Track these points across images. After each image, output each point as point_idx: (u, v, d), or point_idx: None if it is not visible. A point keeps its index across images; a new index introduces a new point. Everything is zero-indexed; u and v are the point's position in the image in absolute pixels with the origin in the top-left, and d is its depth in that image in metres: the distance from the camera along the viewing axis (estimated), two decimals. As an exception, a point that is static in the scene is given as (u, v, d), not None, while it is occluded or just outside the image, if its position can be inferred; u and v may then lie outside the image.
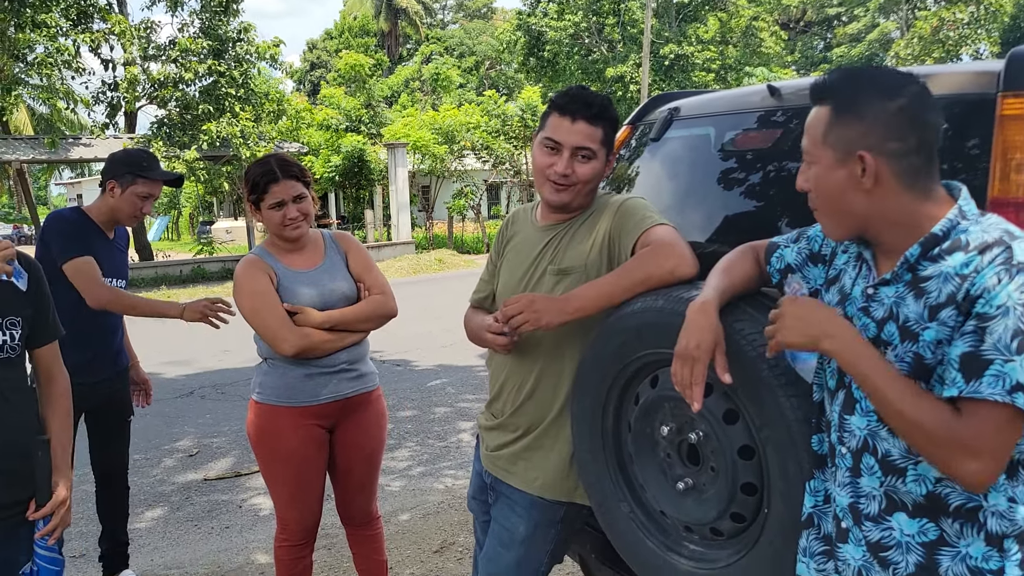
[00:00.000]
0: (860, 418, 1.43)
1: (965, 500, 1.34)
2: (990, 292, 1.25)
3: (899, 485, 1.39)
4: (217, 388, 7.60)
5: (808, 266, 1.63)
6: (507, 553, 2.17)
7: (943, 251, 1.34)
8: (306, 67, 51.74)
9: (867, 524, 1.43)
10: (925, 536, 1.37)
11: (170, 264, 19.14)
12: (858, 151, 1.36)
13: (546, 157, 2.08)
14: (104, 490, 3.56)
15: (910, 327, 1.35)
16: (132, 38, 17.43)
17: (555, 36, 29.66)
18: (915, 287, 1.36)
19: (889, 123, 1.35)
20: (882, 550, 1.41)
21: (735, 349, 1.63)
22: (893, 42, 30.63)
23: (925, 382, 1.33)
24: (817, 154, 1.42)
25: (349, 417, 2.83)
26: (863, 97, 1.38)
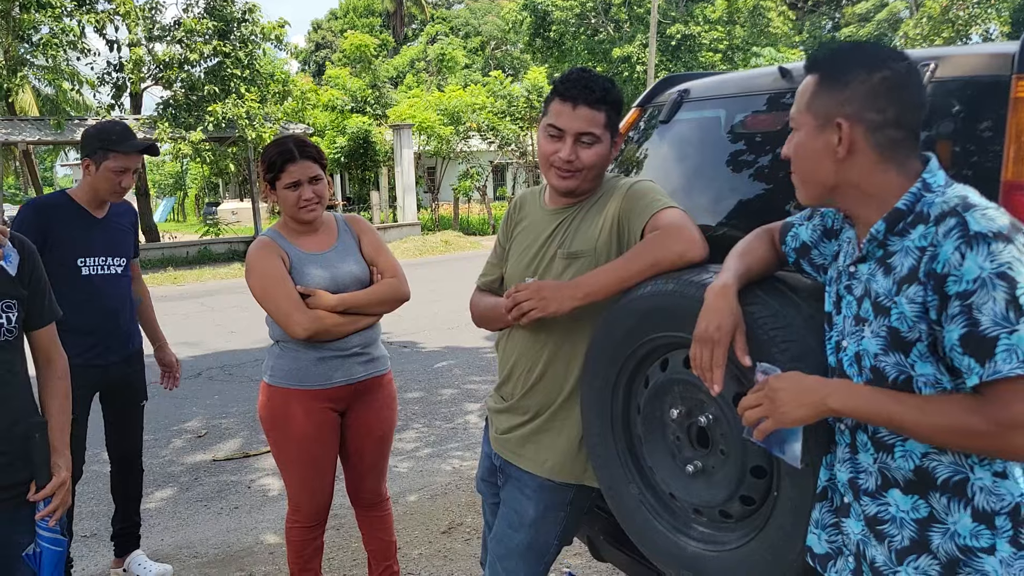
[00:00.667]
0: None
1: (952, 473, 1.35)
2: (959, 268, 1.26)
3: (889, 461, 1.41)
4: (225, 369, 7.63)
5: (823, 242, 1.64)
6: (516, 535, 2.19)
7: (907, 225, 1.37)
8: (311, 48, 51.50)
9: (865, 499, 1.46)
10: (917, 512, 1.39)
11: (176, 245, 19.17)
12: (836, 118, 1.39)
13: (550, 144, 2.07)
14: (119, 472, 3.57)
15: (880, 302, 1.38)
16: (137, 19, 17.34)
17: (561, 16, 29.45)
18: (884, 263, 1.39)
19: (868, 93, 1.38)
20: (878, 523, 1.44)
21: (747, 333, 1.63)
22: (902, 22, 30.36)
23: (904, 354, 1.35)
24: (800, 120, 1.46)
25: (361, 400, 2.85)
26: (847, 67, 1.41)
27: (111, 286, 3.29)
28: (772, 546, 1.70)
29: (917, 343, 1.34)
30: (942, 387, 1.34)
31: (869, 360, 1.41)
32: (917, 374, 1.35)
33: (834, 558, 1.55)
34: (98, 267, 3.25)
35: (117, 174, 3.20)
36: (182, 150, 17.65)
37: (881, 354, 1.39)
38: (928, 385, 1.35)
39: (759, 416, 1.46)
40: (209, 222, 23.79)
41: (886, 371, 1.39)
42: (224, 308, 11.17)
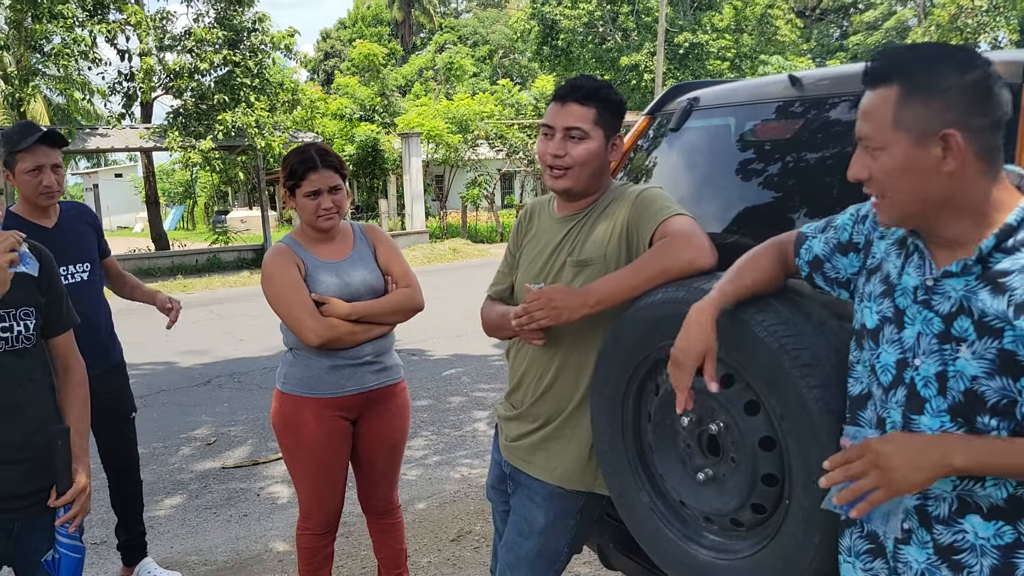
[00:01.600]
0: (932, 419, 1.35)
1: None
2: None
3: (976, 489, 1.32)
4: (234, 377, 7.64)
5: (836, 256, 1.57)
6: (526, 543, 2.18)
7: (1018, 242, 1.28)
8: (320, 56, 51.74)
9: (937, 527, 1.37)
10: (1001, 539, 1.32)
11: (186, 253, 19.24)
12: (942, 130, 1.27)
13: (543, 144, 2.11)
14: (115, 485, 3.53)
15: (989, 323, 1.27)
16: (148, 28, 17.46)
17: (569, 25, 29.52)
18: (991, 281, 1.28)
19: (969, 97, 1.27)
20: (954, 553, 1.35)
21: (756, 340, 1.63)
22: (910, 30, 30.32)
23: (1015, 379, 1.27)
24: (886, 139, 1.31)
25: (373, 409, 2.85)
26: (938, 71, 1.28)
27: (77, 295, 3.02)
28: (783, 555, 1.70)
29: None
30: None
31: (963, 383, 1.30)
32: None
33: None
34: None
35: (33, 175, 3.04)
36: (192, 159, 17.74)
37: (983, 377, 1.28)
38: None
39: (870, 487, 1.30)
40: (218, 230, 23.90)
41: (985, 395, 1.28)
42: (233, 316, 11.20)
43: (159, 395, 7.01)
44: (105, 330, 3.37)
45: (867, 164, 1.36)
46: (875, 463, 1.29)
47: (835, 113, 2.13)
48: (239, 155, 19.16)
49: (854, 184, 1.41)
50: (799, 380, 1.60)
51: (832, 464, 1.35)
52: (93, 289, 3.31)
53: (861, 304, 1.50)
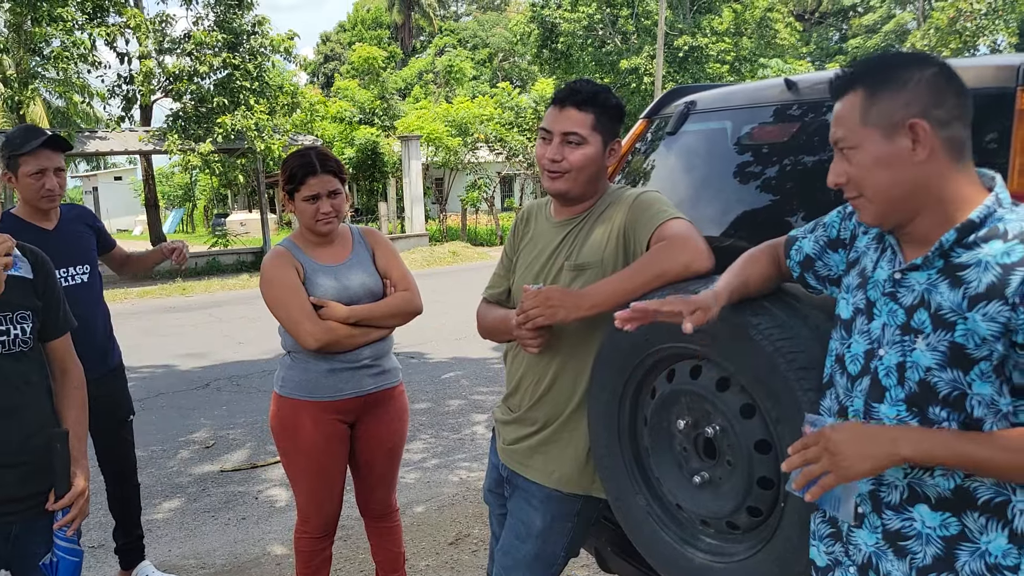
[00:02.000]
0: (890, 407, 1.40)
1: (994, 495, 1.32)
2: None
3: (926, 478, 1.37)
4: (233, 380, 7.64)
5: (827, 253, 1.61)
6: (523, 546, 2.18)
7: (979, 238, 1.32)
8: (320, 60, 51.80)
9: (887, 513, 1.42)
10: (947, 530, 1.36)
11: (185, 256, 19.22)
12: (908, 120, 1.33)
13: (541, 147, 2.12)
14: (113, 489, 3.53)
15: (944, 316, 1.32)
16: (147, 32, 17.49)
17: (569, 28, 29.54)
18: (950, 274, 1.33)
19: (929, 88, 1.33)
20: (900, 539, 1.40)
21: (752, 344, 1.63)
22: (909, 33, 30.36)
23: (964, 372, 1.31)
24: (857, 138, 1.38)
25: (371, 412, 2.85)
26: (897, 69, 1.36)
27: (76, 297, 3.08)
28: (779, 558, 1.70)
29: (982, 361, 1.29)
30: (996, 408, 1.30)
31: (918, 373, 1.35)
32: (973, 393, 1.31)
33: (832, 569, 1.54)
34: (60, 280, 3.17)
35: (36, 178, 3.06)
36: (191, 161, 17.75)
37: (935, 368, 1.33)
38: (983, 405, 1.31)
39: (821, 472, 1.35)
40: (218, 233, 23.89)
41: (937, 386, 1.33)
42: (232, 319, 11.21)
43: (158, 398, 7.01)
44: (104, 333, 3.37)
45: (843, 169, 1.42)
46: (827, 449, 1.34)
47: (831, 116, 2.13)
48: (238, 158, 19.18)
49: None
50: (795, 383, 1.60)
51: (793, 450, 1.41)
52: (92, 291, 3.31)
53: (840, 296, 1.55)
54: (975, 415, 1.32)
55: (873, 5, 37.40)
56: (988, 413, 1.31)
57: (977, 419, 1.32)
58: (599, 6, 29.25)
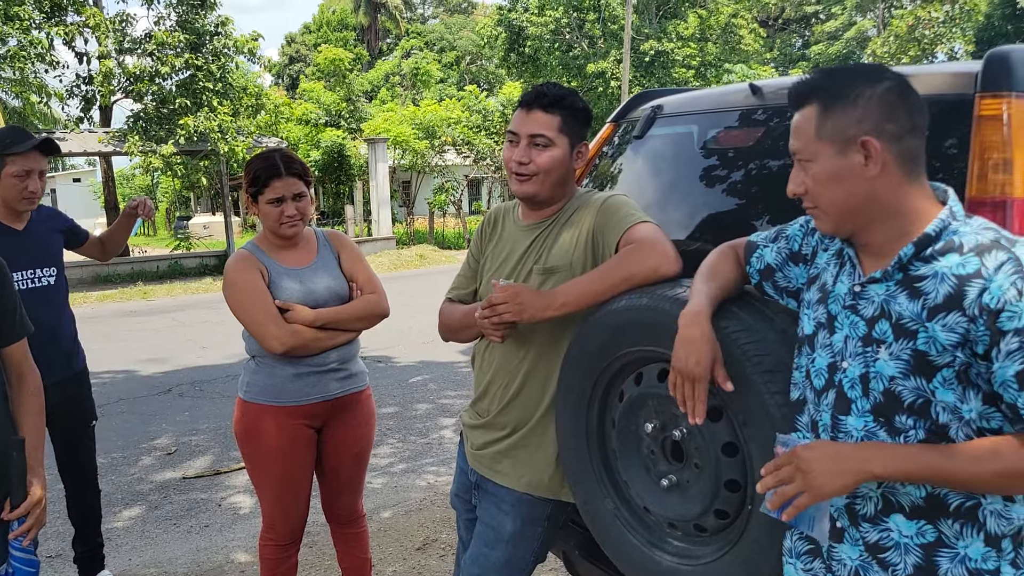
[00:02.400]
0: (857, 419, 1.41)
1: (964, 499, 1.34)
2: (1015, 304, 1.24)
3: (897, 487, 1.38)
4: (195, 385, 7.53)
5: (789, 266, 1.63)
6: (493, 553, 2.17)
7: (936, 251, 1.34)
8: (284, 61, 51.35)
9: (864, 525, 1.42)
10: (923, 538, 1.37)
11: (146, 260, 18.92)
12: (860, 137, 1.35)
13: (508, 150, 2.12)
14: (74, 496, 3.46)
15: (905, 324, 1.34)
16: (107, 31, 17.18)
17: (536, 32, 29.62)
18: (908, 286, 1.36)
19: (881, 104, 1.36)
20: (880, 551, 1.41)
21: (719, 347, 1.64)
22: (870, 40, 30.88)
23: (927, 379, 1.33)
24: (812, 151, 1.40)
25: (338, 417, 2.82)
26: (850, 85, 1.38)
27: (42, 299, 3.15)
28: (746, 560, 1.71)
29: (944, 368, 1.31)
30: (959, 415, 1.32)
31: (882, 383, 1.37)
32: (937, 400, 1.33)
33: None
34: (26, 281, 3.12)
35: (21, 179, 3.05)
36: (153, 163, 17.47)
37: (899, 377, 1.35)
38: (947, 411, 1.32)
39: (794, 492, 1.36)
40: (180, 236, 23.55)
41: (902, 395, 1.35)
42: (195, 323, 11.05)
43: (118, 404, 6.88)
44: (69, 336, 3.32)
45: (801, 179, 1.44)
46: (799, 468, 1.36)
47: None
48: (201, 160, 18.93)
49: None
50: (761, 386, 1.61)
51: (766, 471, 1.42)
52: (59, 294, 3.27)
53: (802, 312, 1.56)
54: (940, 421, 1.33)
55: (835, 12, 38.01)
56: (953, 419, 1.33)
57: (943, 425, 1.33)
58: (566, 10, 29.39)
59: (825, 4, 38.19)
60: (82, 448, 3.42)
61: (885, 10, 33.70)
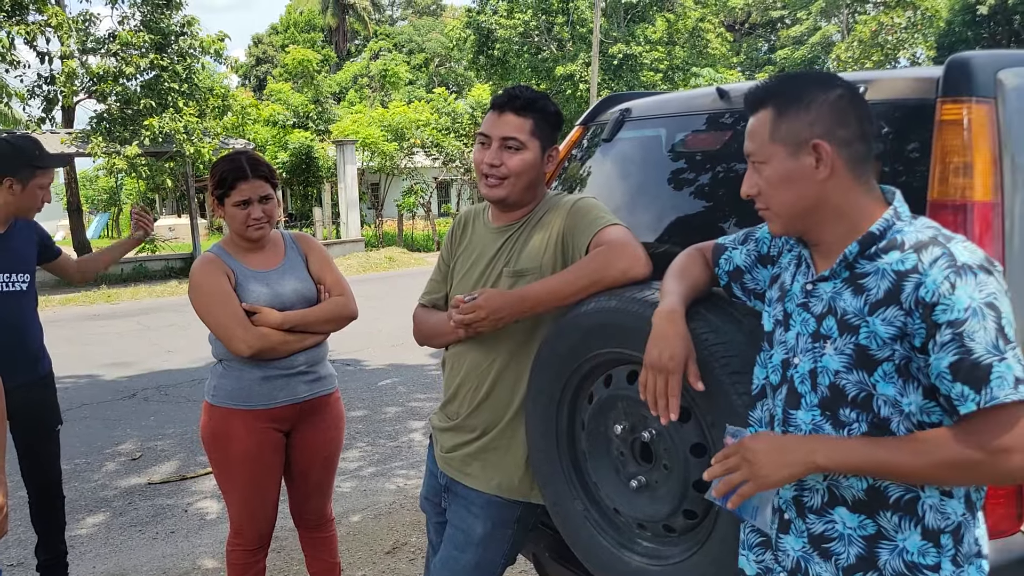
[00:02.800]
0: (805, 413, 1.46)
1: (903, 492, 1.38)
2: (948, 297, 1.27)
3: (841, 480, 1.42)
4: (161, 390, 7.43)
5: (757, 268, 1.66)
6: (463, 556, 2.17)
7: (879, 250, 1.39)
8: (251, 62, 50.86)
9: (811, 517, 1.47)
10: (865, 530, 1.41)
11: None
12: (812, 140, 1.39)
13: (479, 153, 2.12)
14: (38, 502, 3.39)
15: (848, 320, 1.39)
16: (70, 31, 16.87)
17: (505, 34, 29.64)
18: (852, 283, 1.40)
19: (833, 110, 1.40)
20: (824, 542, 1.45)
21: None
22: (834, 45, 31.34)
23: (868, 373, 1.37)
24: (766, 154, 1.44)
25: (306, 420, 2.80)
26: (804, 90, 1.42)
27: (14, 303, 3.16)
28: (715, 559, 1.72)
29: (885, 362, 1.35)
30: (900, 408, 1.35)
31: (828, 377, 1.42)
32: (878, 393, 1.37)
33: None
34: (1, 284, 3.12)
35: (41, 191, 3.17)
36: (117, 165, 17.19)
37: (843, 371, 1.39)
38: (888, 405, 1.36)
39: (739, 481, 1.41)
40: (145, 239, 23.20)
41: (846, 389, 1.39)
42: (160, 327, 10.89)
43: (81, 409, 6.76)
44: (36, 341, 3.30)
45: (755, 181, 1.48)
46: (745, 459, 1.41)
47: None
48: (167, 161, 18.66)
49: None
50: (729, 387, 1.63)
51: (715, 460, 1.46)
52: (30, 300, 3.28)
53: (764, 310, 1.61)
54: (882, 415, 1.37)
55: (800, 18, 38.50)
56: (894, 413, 1.37)
57: (884, 419, 1.37)
58: (535, 13, 29.44)
59: (790, 9, 38.68)
60: (46, 453, 3.37)
61: (849, 15, 34.21)
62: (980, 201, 1.66)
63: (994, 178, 1.67)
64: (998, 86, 1.72)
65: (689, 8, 30.45)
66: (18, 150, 3.15)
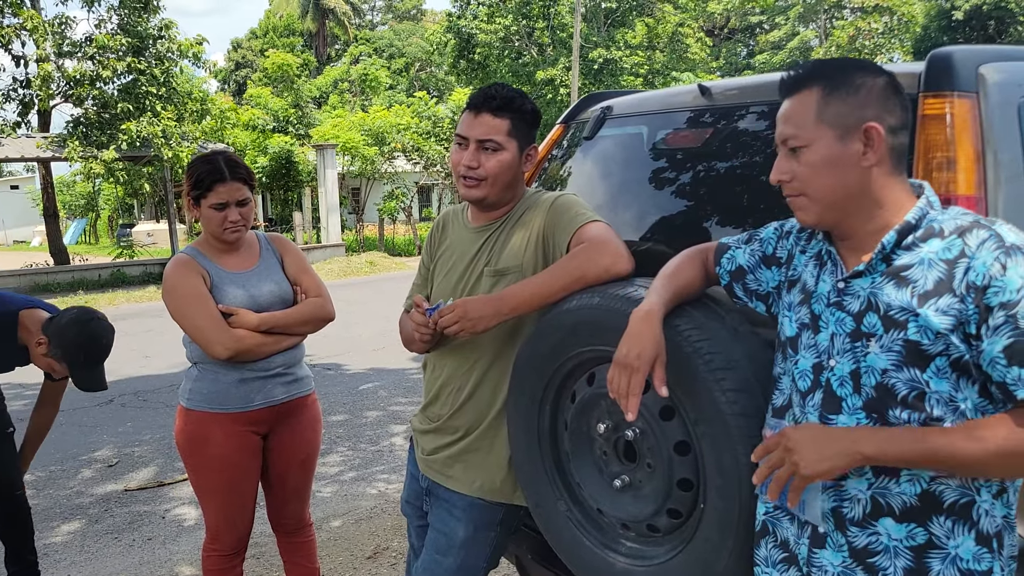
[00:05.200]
0: (849, 417, 1.38)
1: (959, 496, 1.32)
2: (1000, 279, 1.24)
3: (891, 486, 1.35)
4: (138, 395, 7.33)
5: (761, 268, 1.62)
6: (445, 559, 2.13)
7: (916, 239, 1.35)
8: (231, 66, 50.56)
9: (852, 529, 1.39)
10: (913, 540, 1.35)
11: (87, 268, 18.40)
12: (863, 123, 1.35)
13: (456, 154, 2.09)
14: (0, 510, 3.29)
15: (894, 316, 1.33)
16: (45, 34, 16.71)
17: (485, 39, 29.65)
18: (894, 276, 1.35)
19: (882, 96, 1.37)
20: (868, 556, 1.38)
21: (671, 346, 1.63)
22: (812, 50, 31.63)
23: (920, 370, 1.31)
24: (810, 136, 1.38)
25: (283, 423, 2.76)
26: (853, 74, 1.38)
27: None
28: (700, 558, 1.70)
29: (938, 357, 1.29)
30: (954, 405, 1.30)
31: (874, 377, 1.35)
32: (932, 391, 1.31)
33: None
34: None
35: None
36: (94, 169, 17.02)
37: (892, 370, 1.33)
38: (941, 403, 1.31)
39: (787, 475, 1.35)
40: (123, 244, 22.98)
41: (895, 388, 1.33)
42: (138, 332, 10.77)
43: (57, 415, 6.64)
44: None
45: (788, 166, 1.42)
46: (787, 448, 1.35)
47: (743, 122, 2.17)
48: (145, 166, 18.51)
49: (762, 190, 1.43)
50: (713, 384, 1.61)
51: (756, 456, 1.41)
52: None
53: (782, 315, 1.55)
54: (935, 414, 1.31)
55: (779, 23, 38.81)
56: (948, 411, 1.31)
57: (938, 418, 1.31)
58: (515, 17, 29.48)
59: (769, 14, 39.00)
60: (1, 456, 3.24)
61: (827, 21, 34.53)
62: (963, 195, 1.65)
63: (977, 172, 1.67)
64: (980, 81, 1.72)
65: (669, 13, 30.60)
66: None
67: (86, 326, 2.86)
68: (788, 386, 1.50)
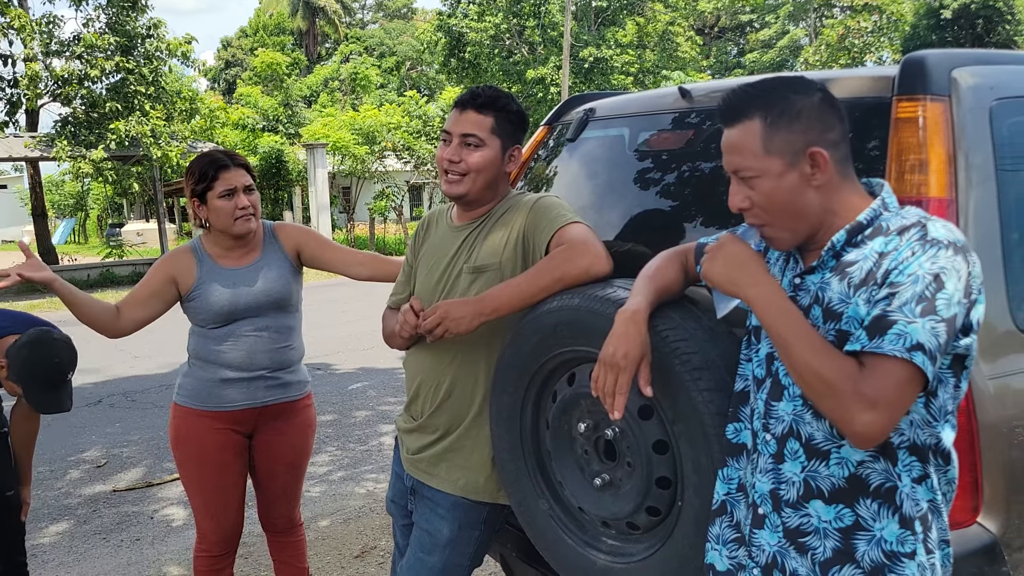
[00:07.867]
0: (787, 403, 1.45)
1: (883, 479, 1.38)
2: (904, 263, 1.30)
3: (821, 468, 1.41)
4: (128, 396, 7.32)
5: None
6: (429, 558, 2.15)
7: (865, 237, 1.40)
8: (220, 65, 50.39)
9: (786, 510, 1.46)
10: (841, 522, 1.41)
11: (76, 268, 18.33)
12: (808, 148, 1.39)
13: (441, 150, 2.12)
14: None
15: (833, 308, 1.39)
16: (33, 33, 16.64)
17: (476, 37, 29.64)
18: (839, 271, 1.40)
19: (820, 115, 1.41)
20: (800, 536, 1.44)
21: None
22: (802, 48, 31.74)
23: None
24: (761, 166, 1.41)
25: (269, 425, 2.77)
26: (791, 98, 1.41)
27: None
28: (678, 555, 1.73)
29: None
30: None
31: None
32: None
33: (735, 573, 1.57)
34: None
35: None
36: (82, 169, 16.95)
37: None
38: None
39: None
40: (112, 244, 22.90)
41: None
42: (128, 332, 10.74)
43: (45, 416, 6.62)
44: None
45: (746, 194, 1.45)
46: (718, 249, 1.50)
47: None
48: (134, 166, 18.45)
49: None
50: (690, 384, 1.63)
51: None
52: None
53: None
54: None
55: (768, 21, 38.93)
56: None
57: None
58: (505, 16, 29.48)
59: (759, 13, 39.10)
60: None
61: (817, 20, 34.67)
62: (935, 198, 1.68)
63: (949, 175, 1.70)
64: (952, 85, 1.75)
65: (659, 12, 30.67)
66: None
67: (36, 348, 2.76)
68: (749, 373, 1.57)
